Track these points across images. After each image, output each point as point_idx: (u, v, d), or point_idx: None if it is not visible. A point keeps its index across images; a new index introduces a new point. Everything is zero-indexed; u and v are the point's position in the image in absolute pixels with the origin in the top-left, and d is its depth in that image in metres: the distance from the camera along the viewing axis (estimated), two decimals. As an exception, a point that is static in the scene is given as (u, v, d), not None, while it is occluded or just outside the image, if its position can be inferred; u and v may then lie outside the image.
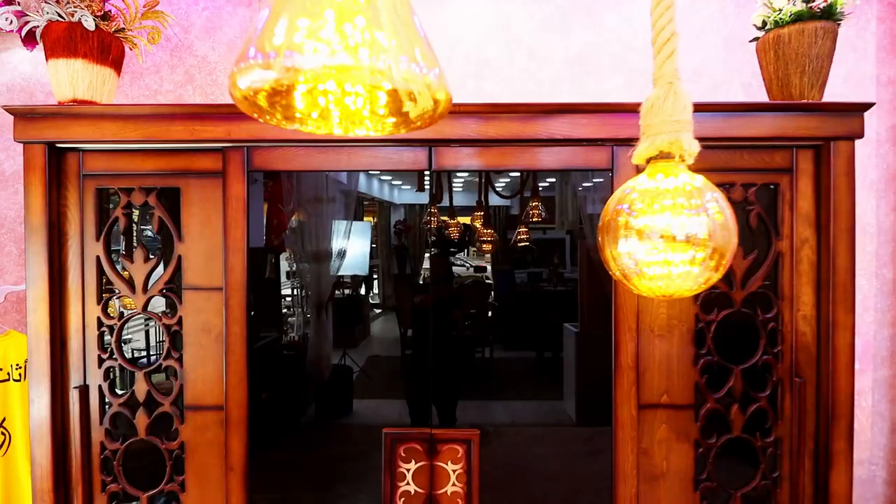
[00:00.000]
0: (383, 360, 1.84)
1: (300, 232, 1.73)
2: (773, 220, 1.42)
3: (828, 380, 1.38)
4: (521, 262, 1.93)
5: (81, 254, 1.41)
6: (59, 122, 1.35)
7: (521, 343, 1.81)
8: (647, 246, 0.41)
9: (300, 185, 1.66)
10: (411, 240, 2.01)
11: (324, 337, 1.73)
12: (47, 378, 1.38)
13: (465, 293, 1.91)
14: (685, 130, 0.43)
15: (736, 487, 1.43)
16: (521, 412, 1.68)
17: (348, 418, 1.73)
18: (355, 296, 1.99)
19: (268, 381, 1.48)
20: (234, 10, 1.94)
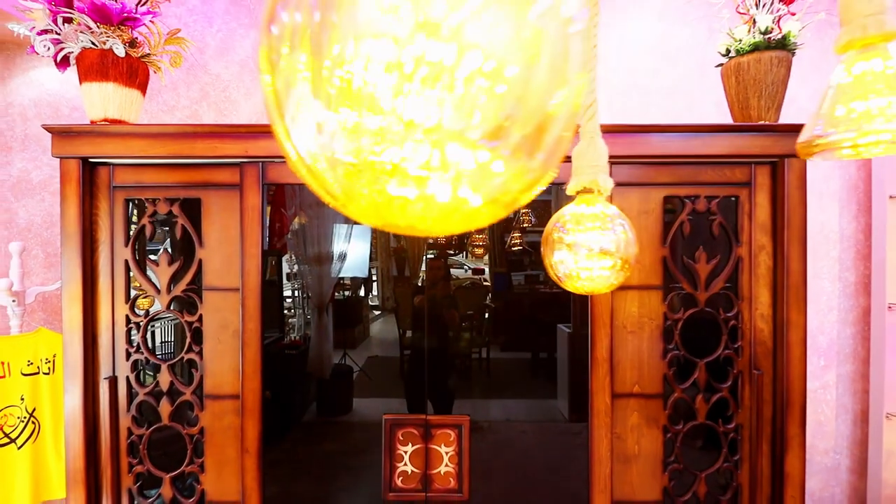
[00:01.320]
0: (382, 361, 1.93)
1: (302, 235, 1.85)
2: (734, 229, 1.58)
3: (783, 372, 1.54)
4: (519, 265, 2.06)
5: (111, 258, 1.57)
6: (93, 140, 1.50)
7: (517, 344, 1.92)
8: (575, 256, 0.56)
9: (302, 190, 1.77)
10: (410, 242, 2.13)
11: (325, 337, 1.87)
12: (80, 370, 1.53)
13: (463, 294, 2.05)
14: (602, 172, 0.58)
15: (701, 469, 1.59)
16: (516, 409, 1.82)
17: (349, 416, 1.85)
18: (355, 297, 2.10)
19: (271, 379, 1.63)
20: (246, 33, 2.10)
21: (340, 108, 0.24)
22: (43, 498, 1.87)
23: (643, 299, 1.57)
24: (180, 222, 1.56)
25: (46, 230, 2.12)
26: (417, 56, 0.23)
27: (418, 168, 0.24)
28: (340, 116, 0.23)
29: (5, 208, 2.12)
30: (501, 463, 1.71)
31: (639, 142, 1.52)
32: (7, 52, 2.12)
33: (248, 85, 2.10)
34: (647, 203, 1.58)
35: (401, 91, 0.23)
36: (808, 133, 0.57)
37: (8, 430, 1.81)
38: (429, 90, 0.23)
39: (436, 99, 0.23)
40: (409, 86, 0.23)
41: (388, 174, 0.24)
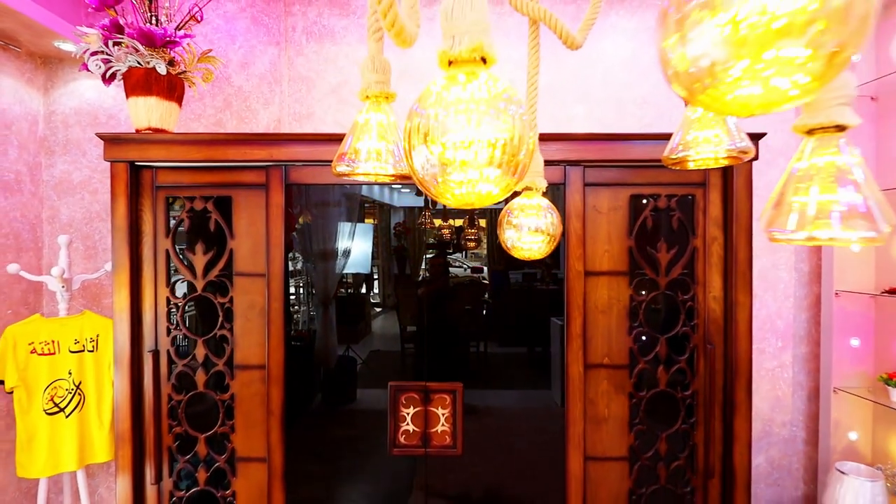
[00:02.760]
0: (384, 355, 2.11)
1: (307, 233, 2.04)
2: (690, 223, 1.83)
3: (732, 346, 1.79)
4: (518, 263, 2.25)
5: (154, 248, 1.82)
6: (139, 146, 1.75)
7: (514, 338, 2.09)
8: (519, 233, 0.80)
9: (308, 189, 1.95)
10: (410, 241, 2.28)
11: (330, 329, 2.09)
12: (128, 345, 1.78)
13: (461, 290, 2.25)
14: (539, 177, 0.82)
15: (662, 430, 1.84)
16: (511, 398, 2.04)
17: (353, 404, 2.05)
18: (357, 294, 2.29)
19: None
20: (265, 49, 2.35)
21: (429, 149, 0.44)
22: (87, 461, 2.12)
23: (612, 284, 1.83)
24: (214, 217, 1.81)
25: (86, 225, 2.37)
26: (448, 154, 0.44)
27: (461, 177, 0.45)
28: (430, 154, 0.44)
29: (49, 206, 2.37)
30: (492, 437, 1.96)
31: (609, 148, 1.77)
32: (50, 66, 2.36)
33: (266, 96, 2.35)
34: (616, 200, 1.83)
35: (427, 158, 0.45)
36: (668, 149, 0.82)
37: (58, 400, 2.06)
38: (466, 150, 0.46)
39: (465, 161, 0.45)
40: (430, 156, 0.45)
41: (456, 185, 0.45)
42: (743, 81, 0.35)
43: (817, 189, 0.61)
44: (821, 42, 0.31)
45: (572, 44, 0.85)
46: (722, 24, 0.33)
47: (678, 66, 0.37)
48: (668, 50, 0.38)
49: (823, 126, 0.60)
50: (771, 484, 2.46)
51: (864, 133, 2.24)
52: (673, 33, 0.36)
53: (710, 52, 0.34)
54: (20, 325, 2.02)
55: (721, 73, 0.35)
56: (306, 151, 1.76)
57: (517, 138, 0.43)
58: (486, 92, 0.43)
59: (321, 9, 2.35)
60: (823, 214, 0.60)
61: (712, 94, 0.37)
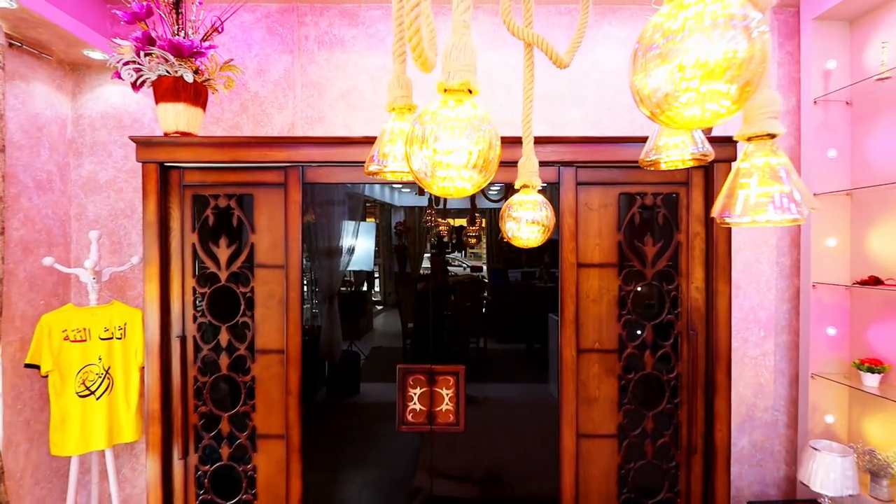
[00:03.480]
0: (386, 351, 2.22)
1: (312, 230, 2.13)
2: (675, 219, 1.99)
3: (713, 332, 1.95)
4: (517, 262, 2.35)
5: (181, 242, 1.98)
6: (168, 149, 1.91)
7: (513, 335, 2.20)
8: (518, 224, 0.95)
9: (313, 188, 2.05)
10: (411, 240, 2.38)
11: (335, 323, 2.23)
12: (157, 331, 1.94)
13: (462, 287, 2.38)
14: (534, 176, 0.97)
15: (648, 409, 2.00)
16: (510, 391, 2.17)
17: (357, 398, 2.19)
18: (360, 292, 2.39)
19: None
20: (279, 57, 2.51)
21: (423, 153, 0.60)
22: (115, 441, 2.27)
23: (602, 275, 1.99)
24: (236, 213, 1.97)
25: (111, 221, 2.53)
26: (437, 157, 0.61)
27: (445, 174, 0.62)
28: (425, 157, 0.60)
29: (77, 203, 2.52)
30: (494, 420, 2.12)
31: (599, 150, 1.93)
32: (78, 72, 2.52)
33: (281, 100, 2.51)
34: (606, 198, 1.99)
35: (432, 156, 0.62)
36: (644, 153, 0.98)
37: (89, 383, 2.21)
38: (453, 157, 0.62)
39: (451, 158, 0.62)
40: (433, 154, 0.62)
41: (441, 179, 0.62)
42: (687, 106, 0.51)
43: (756, 183, 0.77)
44: (734, 80, 0.47)
45: (560, 64, 1.01)
46: (672, 68, 0.48)
47: (643, 95, 0.53)
48: (636, 83, 0.53)
49: (758, 134, 0.75)
50: (754, 465, 2.62)
51: (840, 135, 2.40)
52: (640, 71, 0.52)
53: (664, 86, 0.50)
54: (54, 314, 2.18)
55: (672, 101, 0.51)
56: (321, 153, 1.92)
57: (489, 149, 0.59)
58: (468, 114, 0.59)
59: (332, 19, 2.51)
60: (762, 202, 0.75)
61: (667, 115, 0.52)
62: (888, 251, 2.20)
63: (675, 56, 0.49)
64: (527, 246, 0.96)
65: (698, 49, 0.46)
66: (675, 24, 0.48)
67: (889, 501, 2.09)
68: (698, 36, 0.46)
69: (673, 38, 0.47)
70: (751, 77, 0.48)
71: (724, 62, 0.47)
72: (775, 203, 0.75)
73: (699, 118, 0.51)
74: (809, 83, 2.41)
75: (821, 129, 2.41)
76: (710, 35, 0.46)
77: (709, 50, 0.46)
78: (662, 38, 0.48)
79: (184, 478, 2.00)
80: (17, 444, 2.22)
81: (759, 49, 0.45)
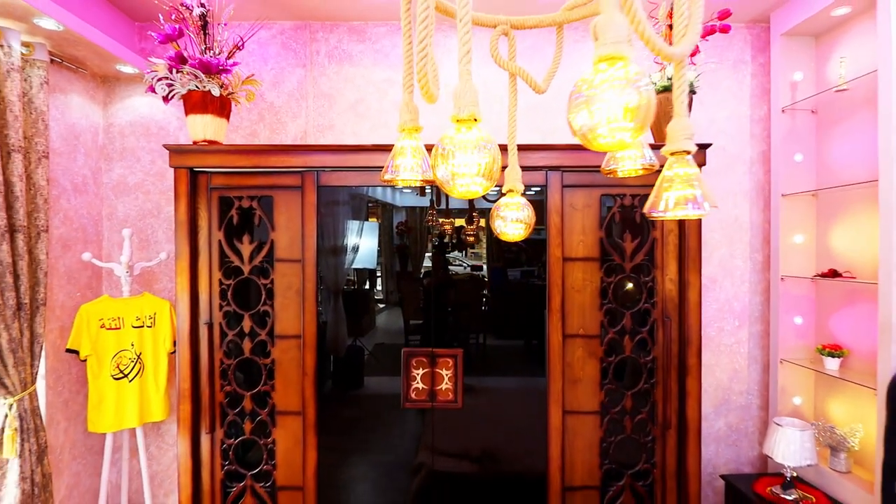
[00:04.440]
0: (388, 347, 2.39)
1: (319, 229, 2.24)
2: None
3: (685, 319, 2.18)
4: (517, 262, 2.52)
5: (209, 239, 2.21)
6: (197, 156, 2.14)
7: (512, 331, 2.38)
8: (503, 222, 1.17)
9: (320, 190, 2.21)
10: (412, 240, 2.55)
11: (340, 319, 2.42)
12: (188, 318, 2.17)
13: (462, 285, 2.56)
14: (518, 181, 1.19)
15: (627, 388, 2.22)
16: (508, 383, 2.37)
17: (360, 390, 2.40)
18: (363, 290, 2.55)
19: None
20: (293, 70, 2.74)
21: (446, 167, 0.83)
22: (146, 420, 2.50)
23: (586, 268, 2.21)
24: (258, 213, 2.20)
25: (139, 220, 2.76)
26: (455, 169, 0.84)
27: (463, 182, 0.84)
28: (447, 169, 0.83)
29: (108, 204, 2.76)
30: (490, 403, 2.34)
31: (583, 156, 2.15)
32: (109, 84, 2.75)
33: (294, 110, 2.74)
34: (589, 199, 2.22)
35: (452, 169, 0.84)
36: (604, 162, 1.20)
37: (122, 367, 2.44)
38: (467, 176, 0.84)
39: (470, 168, 0.84)
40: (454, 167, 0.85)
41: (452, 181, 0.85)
42: (602, 136, 0.73)
43: (677, 187, 0.99)
44: (632, 120, 0.69)
45: (538, 90, 1.24)
46: (591, 112, 0.71)
47: (575, 128, 0.75)
48: (570, 119, 0.76)
49: (677, 151, 0.98)
50: (730, 445, 2.85)
51: (806, 140, 2.63)
52: (572, 111, 0.74)
53: (588, 123, 0.73)
54: (92, 304, 2.41)
55: (593, 132, 0.73)
56: (333, 159, 2.15)
57: (492, 163, 0.81)
58: (475, 136, 0.81)
59: (341, 35, 2.74)
60: (681, 202, 0.98)
61: (592, 142, 0.75)
62: (847, 246, 2.43)
63: (593, 103, 0.71)
64: (512, 240, 1.19)
65: (609, 99, 0.69)
66: (595, 81, 0.70)
67: (847, 473, 2.31)
68: (609, 92, 0.68)
69: (592, 91, 0.70)
70: (643, 118, 0.70)
71: (624, 109, 0.69)
72: (689, 202, 0.98)
73: (611, 144, 0.74)
74: (778, 93, 2.64)
75: (789, 135, 2.63)
76: (615, 91, 0.68)
77: (615, 101, 0.68)
78: (587, 90, 0.71)
79: (210, 450, 2.23)
80: (58, 423, 2.45)
81: (646, 100, 0.68)
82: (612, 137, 0.71)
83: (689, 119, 0.97)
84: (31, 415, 2.18)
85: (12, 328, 2.08)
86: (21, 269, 2.12)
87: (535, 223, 1.21)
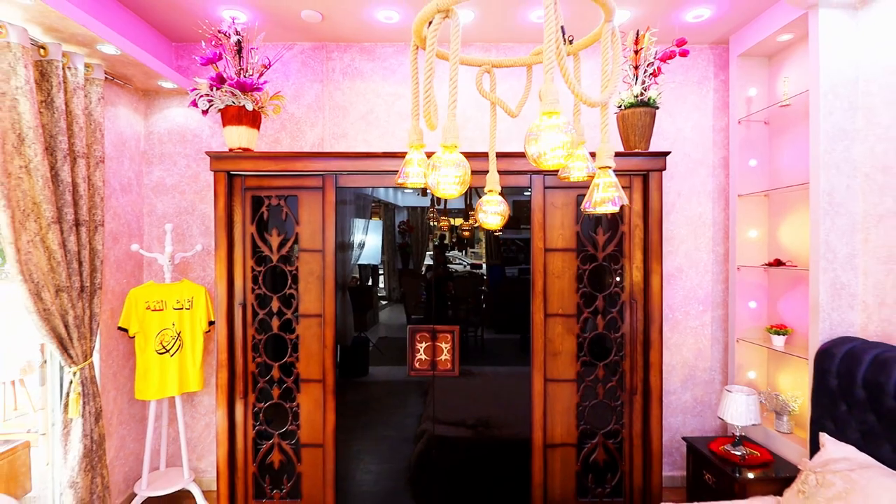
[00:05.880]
0: (391, 340, 2.73)
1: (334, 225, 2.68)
2: (620, 215, 2.60)
3: (649, 301, 2.56)
4: (514, 260, 2.82)
5: (243, 232, 2.59)
6: (234, 161, 2.52)
7: (508, 324, 2.69)
8: (485, 214, 1.55)
9: (337, 190, 2.70)
10: (414, 238, 2.86)
11: (347, 311, 2.78)
12: (225, 299, 2.55)
13: (461, 280, 2.89)
14: (496, 184, 1.57)
15: (600, 360, 2.61)
16: (502, 366, 2.71)
17: (365, 378, 2.78)
18: (367, 286, 2.84)
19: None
20: (311, 85, 3.12)
21: (435, 175, 1.22)
22: (184, 390, 2.88)
23: (564, 257, 2.60)
24: (285, 210, 2.58)
25: (176, 217, 3.14)
26: (440, 178, 1.22)
27: (445, 186, 1.23)
28: (435, 177, 1.22)
29: (148, 202, 3.14)
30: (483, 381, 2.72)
31: (561, 162, 2.53)
32: (149, 97, 3.13)
33: (312, 120, 3.12)
34: (567, 198, 2.60)
35: (437, 177, 1.23)
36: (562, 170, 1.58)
37: (165, 343, 2.83)
38: (447, 183, 1.23)
39: (454, 180, 1.23)
40: (438, 176, 1.23)
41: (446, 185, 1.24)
42: (547, 160, 1.11)
43: (602, 190, 1.38)
44: (564, 150, 1.07)
45: (511, 115, 1.62)
46: (538, 144, 1.09)
47: (529, 154, 1.13)
48: (526, 148, 1.14)
49: (603, 166, 1.36)
50: (696, 415, 3.23)
51: (759, 148, 3.01)
52: (527, 143, 1.12)
53: (537, 151, 1.11)
54: (139, 289, 2.79)
55: (541, 157, 1.11)
56: (349, 164, 2.53)
57: (465, 176, 1.19)
58: (455, 157, 1.19)
59: (354, 55, 3.12)
60: (603, 200, 1.36)
61: (541, 164, 1.13)
62: (791, 239, 2.81)
63: (540, 139, 1.09)
64: (492, 229, 1.58)
65: (550, 137, 1.07)
66: (541, 126, 1.08)
67: (790, 433, 2.69)
68: (549, 132, 1.06)
69: (539, 132, 1.08)
70: (569, 148, 1.08)
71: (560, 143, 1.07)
72: (609, 202, 1.35)
73: (553, 165, 1.12)
74: (736, 106, 3.02)
75: (745, 143, 3.01)
76: (552, 132, 1.06)
77: (552, 138, 1.06)
78: (536, 131, 1.09)
79: (244, 412, 2.61)
80: (108, 391, 2.83)
81: (571, 137, 1.06)
82: (553, 160, 1.10)
83: (611, 144, 1.35)
84: (90, 382, 2.56)
85: (77, 307, 2.46)
86: (84, 257, 2.50)
87: (508, 216, 1.59)
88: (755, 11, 2.74)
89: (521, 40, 3.09)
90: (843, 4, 2.34)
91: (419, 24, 1.19)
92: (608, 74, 1.23)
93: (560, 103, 1.04)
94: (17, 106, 2.16)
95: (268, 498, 2.63)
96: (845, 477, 1.94)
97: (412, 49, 1.32)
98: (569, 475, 2.61)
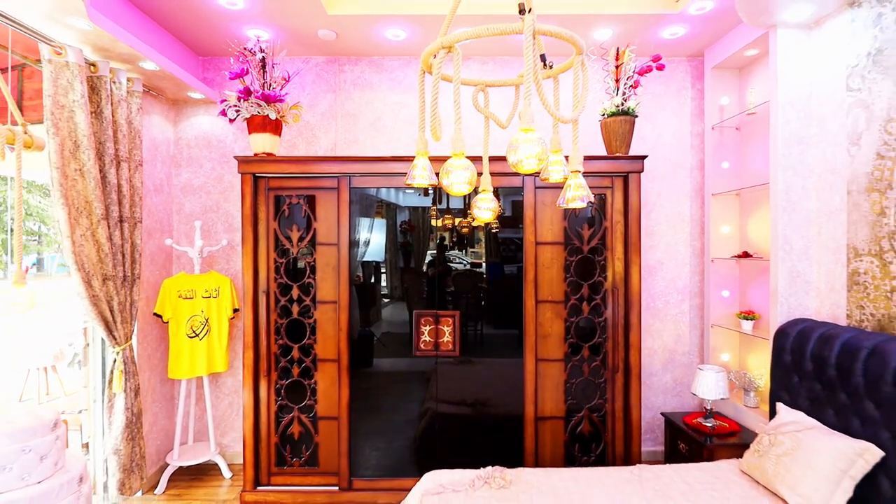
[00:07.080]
0: (394, 335, 3.02)
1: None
2: (603, 211, 2.91)
3: (629, 289, 2.87)
4: (513, 259, 3.10)
5: (266, 228, 2.90)
6: (259, 164, 2.84)
7: (506, 320, 2.97)
8: (479, 210, 1.85)
9: (350, 190, 3.03)
10: (416, 237, 3.11)
11: (353, 304, 3.07)
12: (251, 287, 2.86)
13: (461, 276, 3.17)
14: (489, 184, 1.86)
15: (585, 342, 2.92)
16: (501, 361, 3.02)
17: (370, 368, 3.11)
18: (370, 283, 3.08)
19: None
20: (325, 95, 3.44)
21: (447, 178, 1.53)
22: (211, 370, 3.20)
23: (553, 250, 2.91)
24: (304, 208, 2.90)
25: (202, 215, 3.45)
26: (452, 179, 1.53)
27: (458, 186, 1.53)
28: (448, 179, 1.53)
29: (177, 202, 3.46)
30: (482, 368, 3.04)
31: (550, 165, 2.84)
32: (178, 106, 3.45)
33: (326, 127, 3.43)
34: (555, 197, 2.91)
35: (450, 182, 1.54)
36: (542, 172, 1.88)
37: (195, 328, 3.14)
38: (459, 184, 1.54)
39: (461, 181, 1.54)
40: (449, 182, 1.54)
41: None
42: (524, 166, 1.43)
43: (573, 190, 1.69)
44: (538, 158, 1.38)
45: (502, 126, 1.93)
46: (517, 154, 1.40)
47: (511, 161, 1.45)
48: (508, 157, 1.45)
49: (575, 170, 1.67)
50: (675, 395, 3.54)
51: (731, 151, 3.32)
52: (508, 153, 1.44)
53: (516, 159, 1.42)
54: (173, 279, 3.11)
55: (519, 164, 1.42)
56: (362, 167, 2.84)
57: (473, 177, 1.51)
58: (463, 162, 1.50)
59: (363, 67, 3.44)
60: (574, 198, 1.67)
61: (520, 169, 1.44)
62: (758, 234, 3.12)
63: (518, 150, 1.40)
64: (485, 222, 1.88)
65: (525, 148, 1.38)
66: (520, 139, 1.39)
67: (756, 408, 3.00)
68: (525, 144, 1.37)
69: (518, 144, 1.39)
70: (541, 158, 1.39)
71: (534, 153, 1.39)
72: (579, 199, 1.65)
73: (528, 170, 1.43)
74: (710, 114, 3.33)
75: (718, 147, 3.33)
76: (529, 145, 1.37)
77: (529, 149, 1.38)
78: (515, 143, 1.40)
79: (267, 389, 2.93)
80: (144, 371, 3.15)
81: (544, 148, 1.37)
82: (528, 166, 1.41)
83: (581, 152, 1.67)
84: (130, 361, 2.87)
85: (121, 294, 2.78)
86: (126, 250, 2.82)
87: (500, 212, 1.90)
88: (724, 29, 3.05)
89: (516, 54, 3.41)
90: (799, 25, 2.65)
91: (427, 55, 1.50)
92: (578, 97, 1.54)
93: (535, 122, 1.34)
94: (73, 117, 2.48)
95: (288, 465, 2.94)
96: (793, 437, 2.25)
97: (420, 73, 1.64)
98: (558, 445, 2.92)
